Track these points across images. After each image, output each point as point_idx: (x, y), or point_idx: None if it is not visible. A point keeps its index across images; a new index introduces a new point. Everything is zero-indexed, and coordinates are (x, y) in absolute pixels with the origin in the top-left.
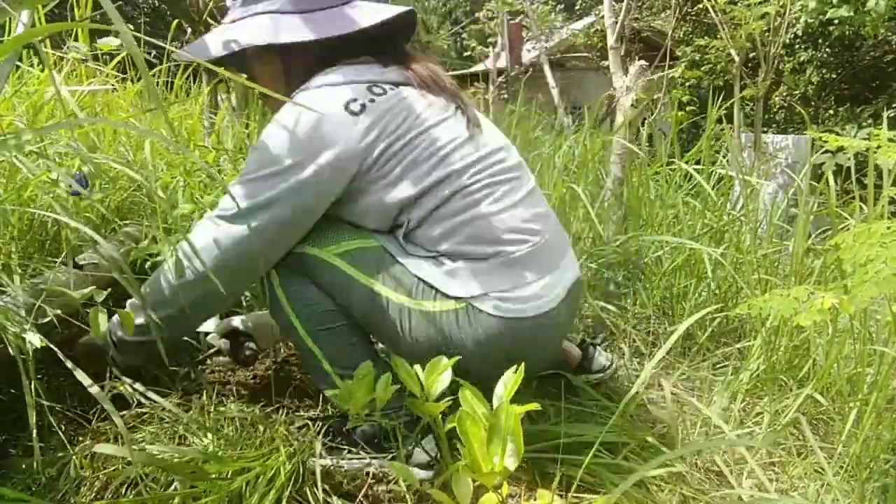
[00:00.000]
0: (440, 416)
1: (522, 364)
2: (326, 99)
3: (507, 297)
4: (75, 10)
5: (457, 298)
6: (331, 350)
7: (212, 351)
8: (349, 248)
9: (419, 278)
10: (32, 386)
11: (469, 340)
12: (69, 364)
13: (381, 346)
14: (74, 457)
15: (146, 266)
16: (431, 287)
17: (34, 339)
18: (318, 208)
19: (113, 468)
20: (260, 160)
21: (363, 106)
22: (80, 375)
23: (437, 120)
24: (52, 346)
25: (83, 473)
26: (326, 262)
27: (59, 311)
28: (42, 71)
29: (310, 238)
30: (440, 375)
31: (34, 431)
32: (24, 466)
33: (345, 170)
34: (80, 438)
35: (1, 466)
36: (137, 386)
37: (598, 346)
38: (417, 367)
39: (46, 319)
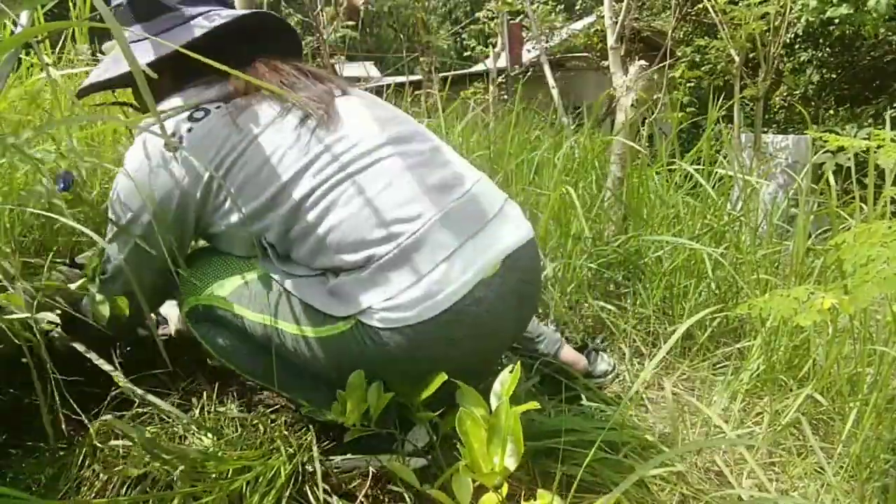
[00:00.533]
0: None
1: (518, 364)
2: (149, 140)
3: (392, 306)
4: (71, 10)
5: (344, 318)
6: (280, 382)
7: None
8: (234, 286)
9: (305, 303)
10: (49, 367)
11: (371, 357)
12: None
13: None
14: (90, 428)
15: None
16: (317, 311)
17: (51, 317)
18: (177, 246)
19: (115, 468)
20: (112, 215)
21: (181, 138)
22: (92, 359)
23: (258, 132)
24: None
25: (83, 474)
26: (217, 307)
27: (58, 311)
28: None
29: (197, 285)
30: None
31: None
32: (24, 466)
33: (179, 207)
34: (80, 440)
35: (1, 466)
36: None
37: (600, 352)
38: None
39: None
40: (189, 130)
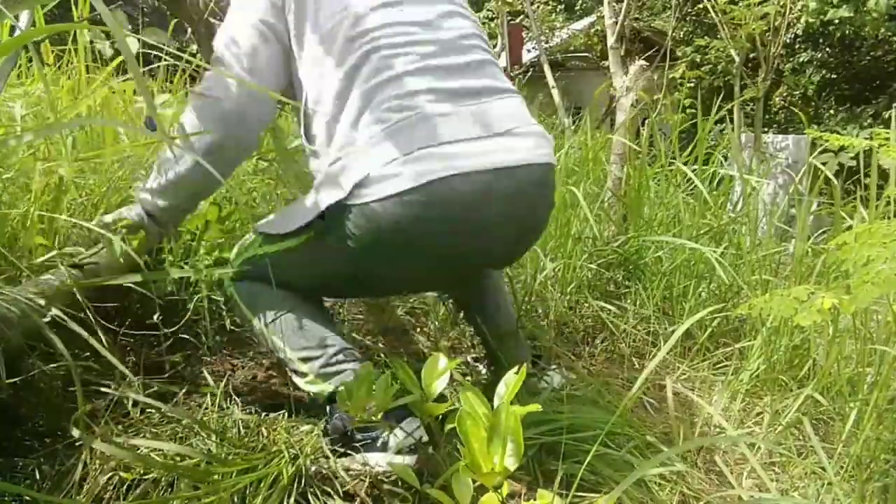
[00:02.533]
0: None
1: (524, 365)
2: None
3: (368, 180)
4: (73, 10)
5: (320, 218)
6: (288, 338)
7: None
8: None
9: (284, 233)
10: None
11: (349, 240)
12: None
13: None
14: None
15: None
16: (297, 230)
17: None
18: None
19: (112, 473)
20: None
21: None
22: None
23: None
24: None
25: (85, 473)
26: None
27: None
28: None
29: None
30: (439, 377)
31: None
32: (24, 466)
33: None
34: (83, 440)
35: (1, 466)
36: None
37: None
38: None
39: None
40: None
